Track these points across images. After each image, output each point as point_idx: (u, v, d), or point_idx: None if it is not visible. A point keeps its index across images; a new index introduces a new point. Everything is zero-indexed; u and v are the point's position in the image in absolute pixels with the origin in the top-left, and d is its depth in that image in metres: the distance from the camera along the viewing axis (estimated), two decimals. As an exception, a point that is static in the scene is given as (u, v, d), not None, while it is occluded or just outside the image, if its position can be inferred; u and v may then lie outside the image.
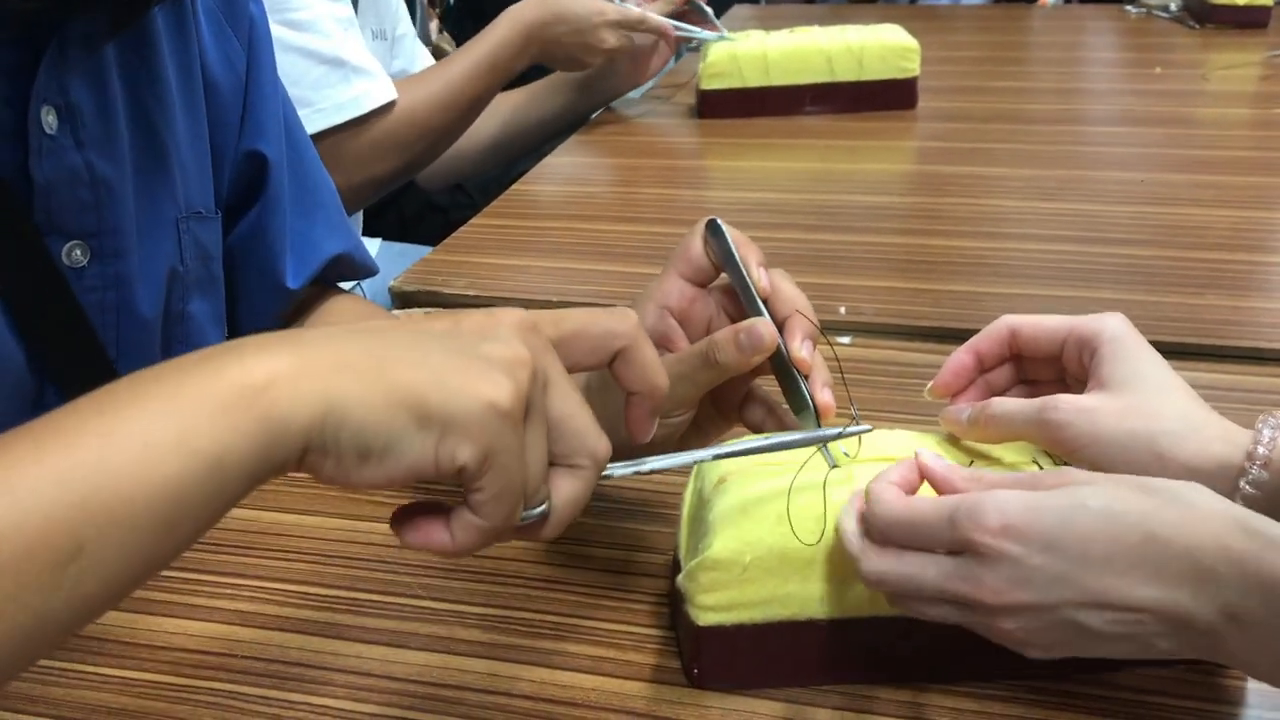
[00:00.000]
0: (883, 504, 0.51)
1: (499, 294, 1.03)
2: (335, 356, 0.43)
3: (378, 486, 0.43)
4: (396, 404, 0.42)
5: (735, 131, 1.47)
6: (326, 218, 0.85)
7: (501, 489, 0.44)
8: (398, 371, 0.42)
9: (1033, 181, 1.25)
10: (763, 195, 1.25)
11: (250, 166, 0.79)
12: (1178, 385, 0.56)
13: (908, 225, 1.15)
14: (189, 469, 0.39)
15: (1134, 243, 1.08)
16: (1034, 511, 0.47)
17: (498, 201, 1.25)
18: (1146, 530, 0.46)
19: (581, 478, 0.48)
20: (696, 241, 0.65)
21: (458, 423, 0.42)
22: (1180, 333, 0.91)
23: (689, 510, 0.62)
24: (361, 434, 0.41)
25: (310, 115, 1.17)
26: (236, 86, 0.78)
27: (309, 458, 0.42)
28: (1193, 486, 0.48)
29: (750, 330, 0.60)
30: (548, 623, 0.64)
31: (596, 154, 1.46)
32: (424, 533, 0.46)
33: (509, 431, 0.43)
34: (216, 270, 0.78)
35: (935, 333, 0.94)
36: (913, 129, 1.47)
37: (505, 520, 0.45)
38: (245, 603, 0.66)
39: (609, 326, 0.52)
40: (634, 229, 1.17)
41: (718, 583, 0.56)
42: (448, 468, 0.42)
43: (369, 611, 0.65)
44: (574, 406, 0.47)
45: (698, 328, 0.65)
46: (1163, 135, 1.40)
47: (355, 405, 0.41)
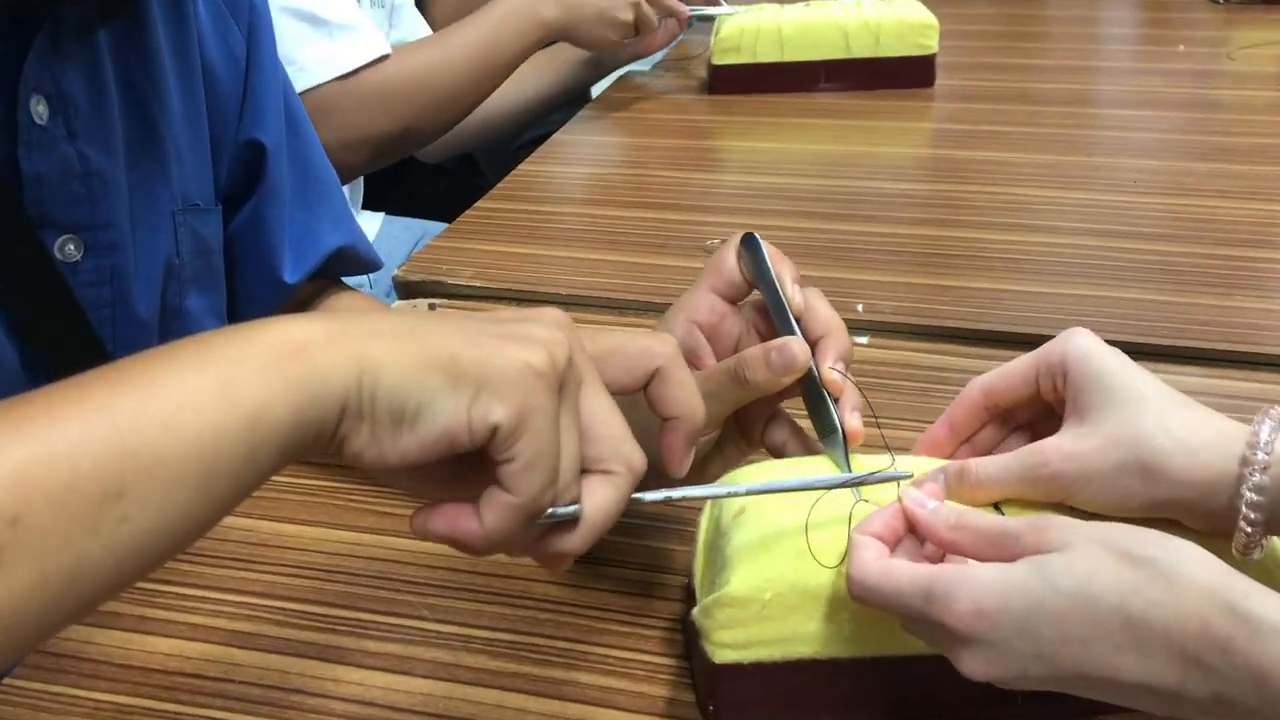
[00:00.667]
0: (860, 567, 0.49)
1: (506, 285, 1.00)
2: (367, 329, 0.42)
3: (411, 459, 0.42)
4: (429, 363, 0.41)
5: (748, 109, 1.43)
6: (329, 209, 0.82)
7: (534, 457, 0.42)
8: (430, 337, 0.42)
9: (1055, 169, 1.21)
10: (776, 180, 1.22)
11: (248, 155, 0.77)
12: (1155, 393, 0.53)
13: (927, 215, 1.12)
14: (227, 421, 0.39)
15: (1160, 237, 1.05)
16: (1006, 596, 0.45)
17: (505, 183, 1.22)
18: (1126, 614, 0.44)
19: (615, 485, 0.46)
20: (730, 255, 0.63)
21: (491, 380, 0.41)
22: (1209, 337, 0.89)
23: (705, 538, 0.60)
24: (395, 393, 0.41)
25: (293, 74, 1.12)
26: (236, 73, 0.75)
27: (344, 426, 0.41)
28: (1182, 549, 0.45)
29: (783, 349, 0.58)
30: (557, 649, 0.62)
31: (606, 132, 1.42)
32: (450, 518, 0.44)
33: (544, 392, 0.42)
34: (216, 264, 0.76)
35: (958, 334, 0.91)
36: (930, 109, 1.44)
37: (537, 498, 0.43)
38: (244, 622, 0.64)
39: (647, 345, 0.51)
40: (644, 215, 1.14)
41: (735, 620, 0.53)
42: (481, 428, 0.41)
43: (372, 634, 0.63)
44: (608, 409, 0.46)
45: (726, 345, 0.63)
46: (1186, 120, 1.37)
47: (389, 365, 0.41)
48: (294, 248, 0.78)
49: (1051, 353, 0.57)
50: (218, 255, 0.75)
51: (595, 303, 0.97)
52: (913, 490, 0.52)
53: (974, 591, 0.46)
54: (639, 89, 1.54)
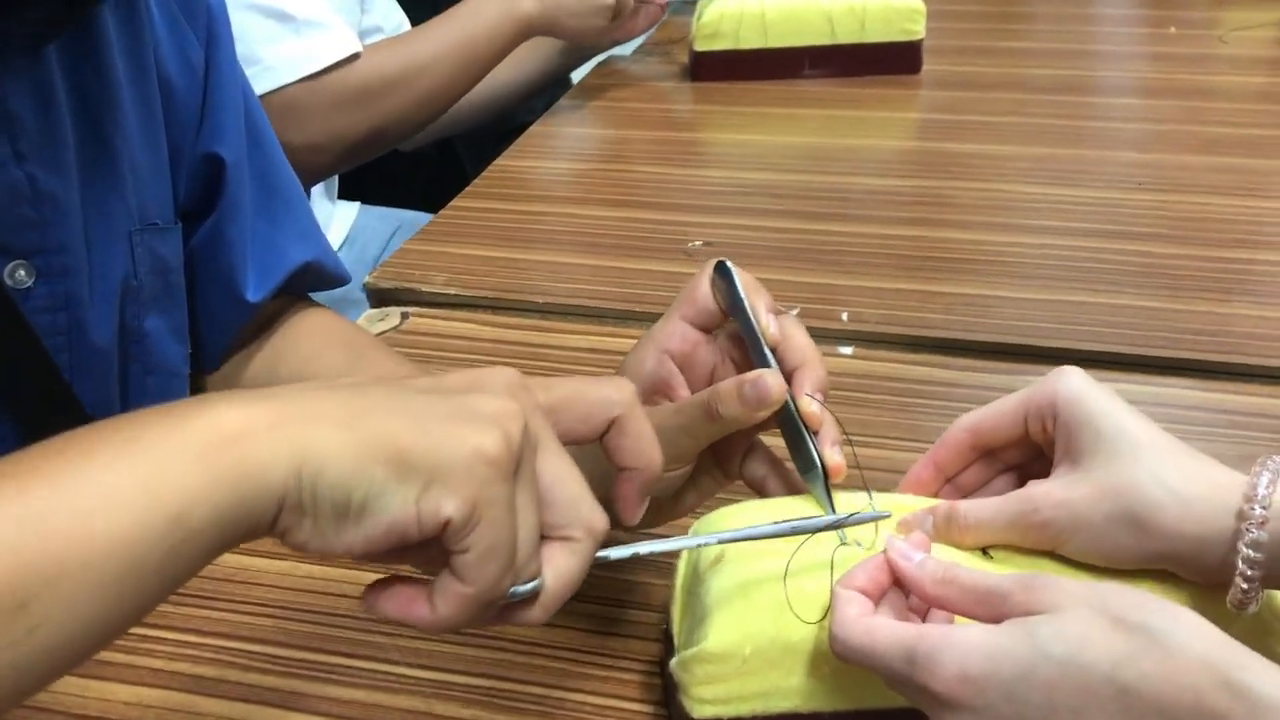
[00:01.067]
0: (842, 626, 0.47)
1: (481, 292, 0.97)
2: (310, 407, 0.40)
3: (357, 553, 0.40)
4: (375, 453, 0.39)
5: (730, 97, 1.40)
6: (294, 223, 0.79)
7: (490, 547, 0.40)
8: (377, 420, 0.40)
9: (1044, 163, 1.19)
10: (760, 176, 1.19)
11: (208, 170, 0.73)
12: (1149, 440, 0.51)
13: (914, 214, 1.09)
14: (149, 522, 0.36)
15: (1154, 238, 1.02)
16: (993, 661, 0.43)
17: (480, 181, 1.18)
18: (1119, 684, 0.42)
19: (576, 552, 0.44)
20: (703, 283, 0.60)
21: (442, 471, 0.39)
22: (1203, 348, 0.86)
23: (683, 581, 0.58)
24: (338, 487, 0.39)
25: (259, 73, 1.09)
26: (194, 84, 0.72)
27: (284, 518, 0.39)
28: (1178, 616, 0.43)
29: (756, 382, 0.55)
30: (532, 695, 0.59)
31: (585, 123, 1.39)
32: (401, 602, 0.42)
33: (498, 482, 0.40)
34: (176, 283, 0.73)
35: (945, 344, 0.88)
36: (916, 98, 1.41)
37: (493, 586, 0.41)
38: (206, 666, 0.62)
39: (604, 394, 0.49)
40: (624, 215, 1.11)
41: (715, 675, 0.51)
42: (431, 522, 0.39)
43: (339, 679, 0.60)
44: (566, 472, 0.44)
45: (700, 375, 0.61)
46: (1179, 109, 1.34)
47: (332, 456, 0.39)
48: (257, 264, 0.75)
49: (1041, 393, 0.55)
50: (178, 274, 0.72)
51: (573, 311, 0.94)
52: (898, 541, 0.50)
53: (960, 656, 0.44)
54: (619, 75, 1.51)
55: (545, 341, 0.91)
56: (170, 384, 0.72)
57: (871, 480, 0.74)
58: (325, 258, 0.80)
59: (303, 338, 0.78)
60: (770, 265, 1.00)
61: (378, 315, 0.94)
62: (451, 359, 0.89)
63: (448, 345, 0.91)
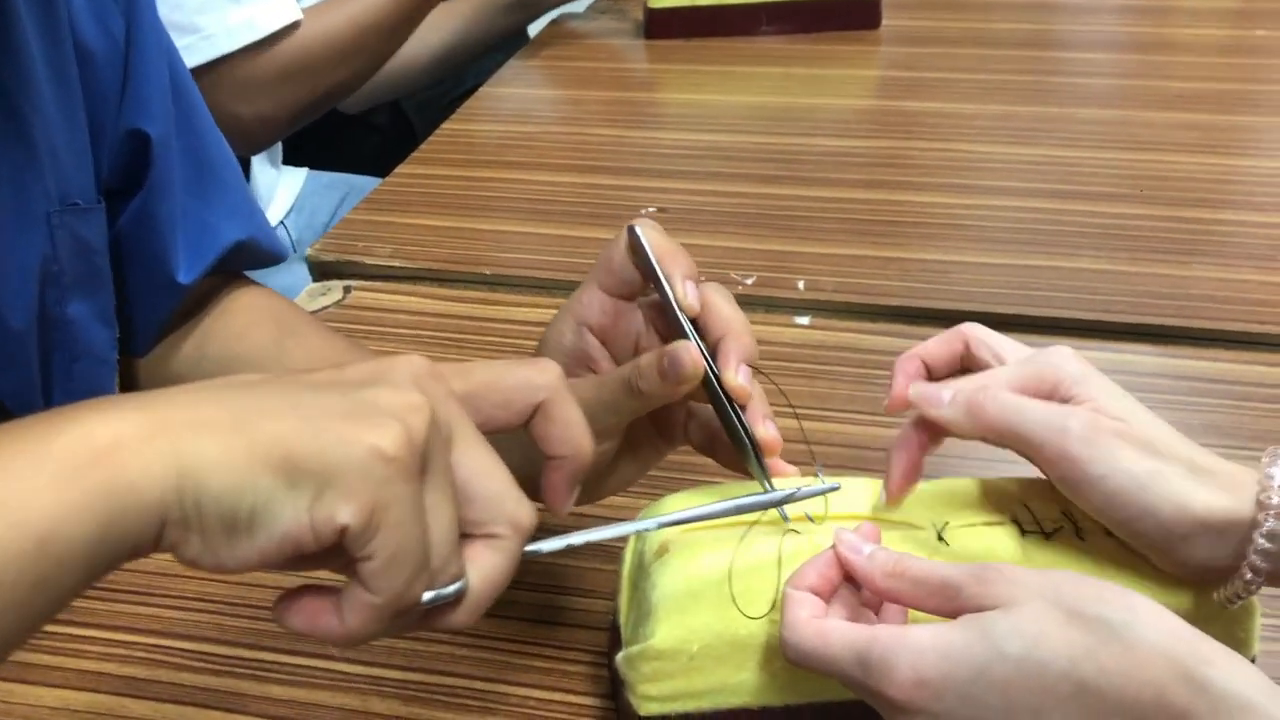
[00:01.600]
0: (792, 629, 0.45)
1: (426, 264, 0.94)
2: (189, 413, 0.37)
3: (253, 566, 0.37)
4: (260, 460, 0.36)
5: (686, 56, 1.36)
6: (227, 199, 0.75)
7: (395, 553, 0.37)
8: (262, 424, 0.37)
9: (1005, 121, 1.16)
10: (715, 138, 1.16)
11: (132, 147, 0.70)
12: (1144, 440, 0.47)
13: (873, 176, 1.07)
14: (12, 545, 0.33)
15: (1114, 198, 1.00)
16: (949, 661, 0.42)
17: (426, 145, 1.15)
18: (1077, 680, 0.40)
19: (502, 549, 0.41)
20: (619, 250, 0.56)
21: (334, 475, 0.36)
22: (1165, 312, 0.85)
23: (628, 572, 0.56)
24: (223, 500, 0.36)
25: (197, 43, 1.06)
26: (114, 55, 0.68)
27: (169, 534, 0.36)
28: (1136, 607, 0.41)
29: (671, 356, 0.52)
30: (474, 690, 0.58)
31: (536, 84, 1.35)
32: (309, 615, 0.40)
33: (399, 482, 0.37)
34: (101, 265, 0.69)
35: (904, 313, 0.86)
36: (876, 54, 1.38)
37: (403, 595, 0.38)
38: (138, 666, 0.59)
39: (526, 377, 0.46)
40: (576, 181, 1.08)
41: (661, 672, 0.50)
42: (326, 530, 0.36)
43: (274, 677, 0.58)
44: (486, 464, 0.41)
45: (623, 346, 0.57)
46: (1141, 64, 1.32)
47: (214, 467, 0.36)
48: (188, 243, 0.72)
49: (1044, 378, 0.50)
50: (102, 256, 0.69)
51: (522, 282, 0.91)
52: (847, 534, 0.48)
53: (914, 659, 0.42)
54: (571, 33, 1.47)
55: (493, 315, 0.88)
56: (98, 371, 0.69)
57: (830, 456, 0.72)
58: (261, 235, 0.77)
59: (231, 316, 0.75)
60: (726, 232, 0.98)
61: (319, 290, 0.91)
62: (396, 334, 0.87)
63: (392, 320, 0.88)
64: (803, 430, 0.56)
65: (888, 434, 0.74)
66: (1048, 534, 0.51)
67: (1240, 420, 0.75)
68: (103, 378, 0.70)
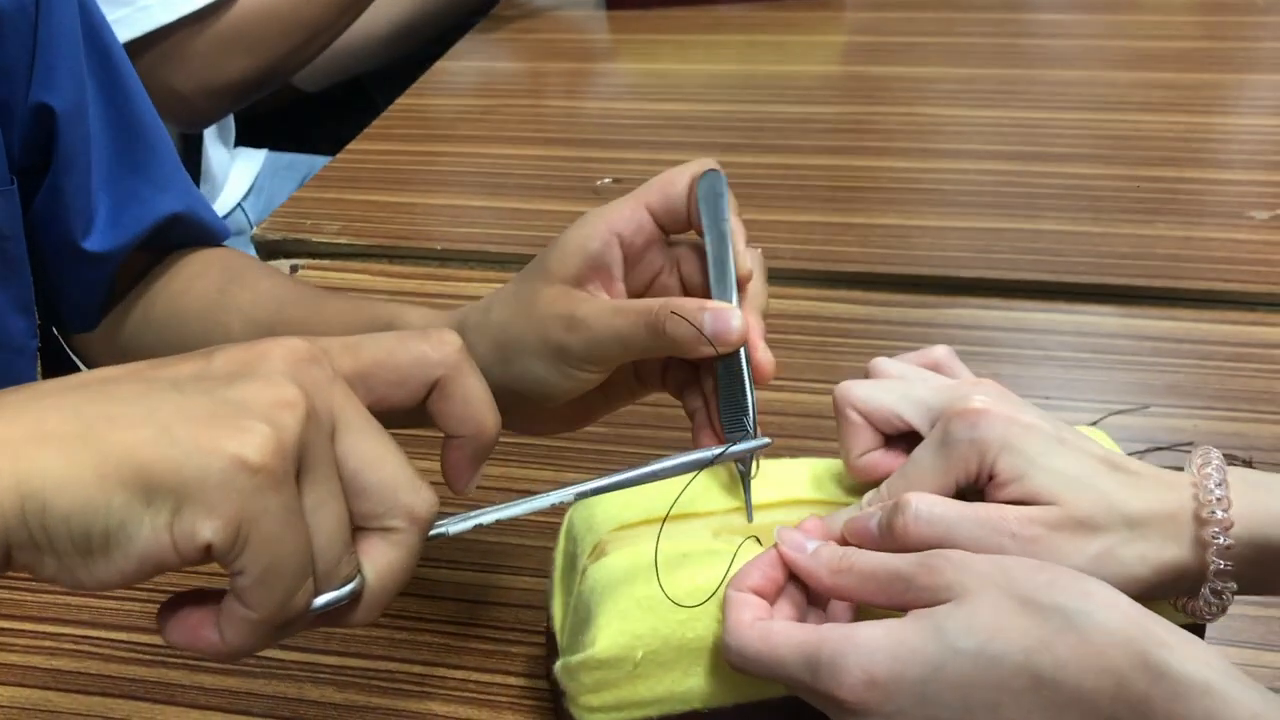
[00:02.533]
0: (735, 633, 0.43)
1: (376, 241, 0.92)
2: (31, 425, 0.34)
3: (115, 586, 0.34)
4: (111, 476, 0.33)
5: (647, 25, 1.34)
6: (158, 172, 0.72)
7: (267, 568, 0.34)
8: (112, 434, 0.33)
9: (969, 83, 1.14)
10: (677, 107, 1.14)
11: (40, 123, 0.66)
12: (1081, 517, 0.44)
13: (831, 143, 1.05)
14: None
15: (1078, 159, 0.99)
16: (900, 661, 0.40)
17: (378, 122, 1.13)
18: (1034, 673, 0.38)
19: (398, 543, 0.38)
20: (683, 180, 0.52)
21: (193, 489, 0.33)
22: (1128, 272, 0.83)
23: (560, 575, 0.52)
24: (71, 521, 0.33)
25: (132, 15, 1.04)
26: (23, 22, 0.64)
27: (18, 556, 0.33)
28: (1091, 593, 0.39)
29: (720, 314, 0.49)
30: (412, 675, 0.56)
31: (493, 57, 1.33)
32: (189, 629, 0.37)
33: (267, 492, 0.34)
34: (15, 250, 0.66)
35: (861, 279, 0.85)
36: (840, 20, 1.36)
37: (281, 608, 0.35)
38: (66, 659, 0.57)
39: (420, 352, 0.42)
40: (535, 154, 1.06)
41: (605, 682, 0.46)
42: (189, 549, 0.33)
43: (206, 666, 0.56)
44: (376, 452, 0.38)
45: (642, 276, 0.54)
46: (1106, 24, 1.30)
47: (59, 486, 0.32)
48: (111, 215, 0.69)
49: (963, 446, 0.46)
50: (16, 241, 0.66)
51: (473, 257, 0.89)
52: (789, 532, 0.45)
53: (864, 660, 0.40)
54: (533, 5, 1.45)
55: (444, 290, 0.86)
56: (14, 362, 0.67)
57: (787, 425, 0.71)
58: (198, 210, 0.74)
59: (174, 275, 0.72)
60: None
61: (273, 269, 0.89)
62: (344, 313, 0.84)
63: (340, 299, 0.86)
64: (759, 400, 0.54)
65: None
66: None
67: (1204, 379, 0.73)
68: (20, 368, 0.67)
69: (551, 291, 0.52)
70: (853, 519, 0.47)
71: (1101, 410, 0.70)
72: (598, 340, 0.50)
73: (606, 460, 0.68)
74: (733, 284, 0.51)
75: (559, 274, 0.52)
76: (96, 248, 0.68)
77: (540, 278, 0.52)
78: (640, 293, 0.54)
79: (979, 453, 0.45)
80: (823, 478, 0.52)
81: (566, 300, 0.51)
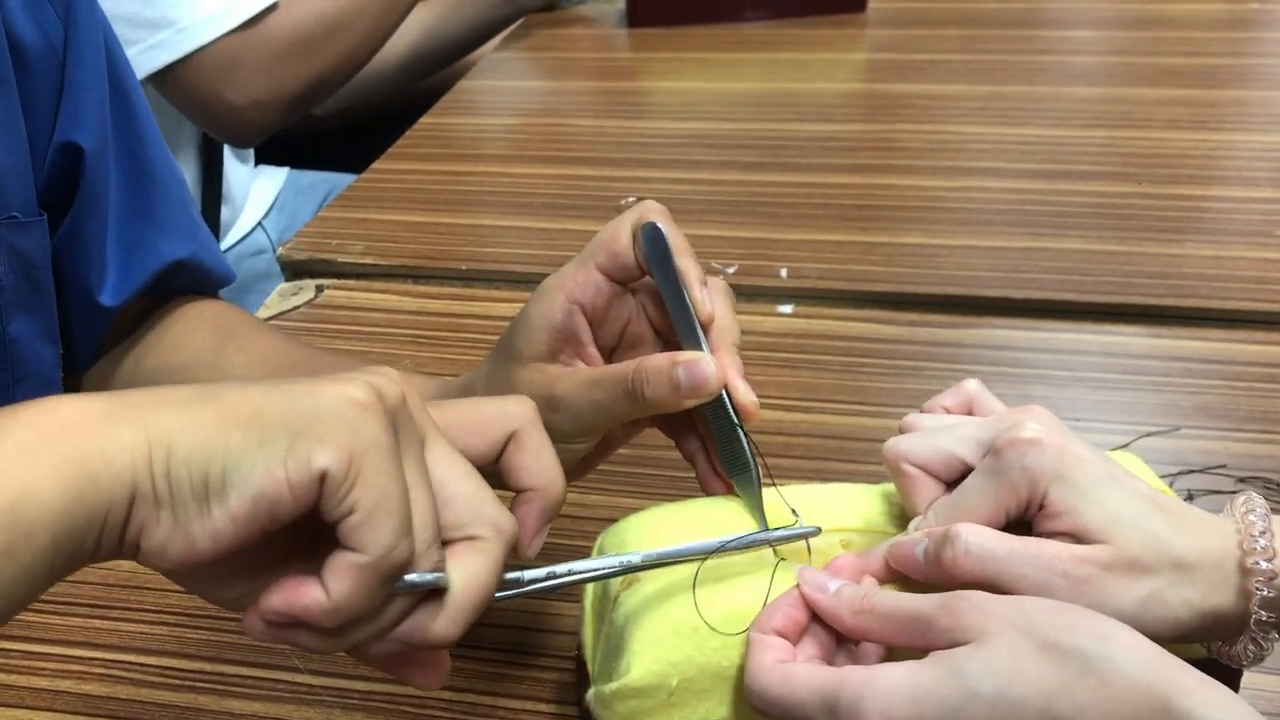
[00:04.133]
0: (756, 676, 0.43)
1: (401, 261, 0.92)
2: (157, 395, 0.37)
3: (225, 541, 0.35)
4: (229, 420, 0.35)
5: (670, 44, 1.34)
6: (167, 216, 0.72)
7: (378, 502, 0.35)
8: (228, 394, 0.37)
9: (992, 101, 1.14)
10: (698, 126, 1.14)
11: (66, 160, 0.66)
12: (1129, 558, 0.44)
13: (856, 161, 1.04)
14: None
15: (1104, 176, 0.98)
16: (918, 705, 0.39)
17: (402, 141, 1.13)
18: (1052, 718, 0.38)
19: (485, 551, 0.39)
20: (625, 236, 0.53)
21: (306, 424, 0.35)
22: (1156, 292, 0.83)
23: (592, 602, 0.52)
24: (193, 462, 0.35)
25: (172, 37, 1.04)
26: (51, 61, 0.65)
27: (137, 513, 0.35)
28: (1112, 637, 0.39)
29: (692, 368, 0.49)
30: (443, 701, 0.55)
31: (516, 75, 1.33)
32: (290, 593, 0.37)
33: (376, 425, 0.36)
34: (43, 280, 0.66)
35: (888, 299, 0.84)
36: (862, 38, 1.35)
37: (389, 550, 0.36)
38: (95, 683, 0.57)
39: (501, 406, 0.44)
40: (556, 173, 1.06)
41: (639, 710, 0.46)
42: (304, 481, 0.35)
43: (236, 690, 0.56)
44: (461, 469, 0.39)
45: (611, 332, 0.54)
46: (1131, 40, 1.30)
47: (182, 432, 0.35)
48: (120, 263, 0.69)
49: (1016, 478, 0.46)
50: (44, 272, 0.66)
51: (498, 277, 0.89)
52: (811, 572, 0.45)
53: (882, 702, 0.40)
54: (553, 22, 1.45)
55: (469, 311, 0.86)
56: (43, 392, 0.66)
57: (814, 448, 0.70)
58: (203, 255, 0.73)
59: (168, 327, 0.72)
60: (707, 220, 0.95)
61: (290, 289, 0.89)
62: (369, 333, 0.84)
63: (365, 319, 0.86)
64: (779, 423, 0.54)
65: (873, 424, 0.73)
66: (1029, 528, 0.48)
67: (1235, 400, 0.73)
68: None
69: (526, 373, 0.52)
70: (898, 544, 0.46)
71: (1132, 432, 0.69)
72: (580, 415, 0.51)
73: (630, 481, 0.68)
74: (698, 329, 0.51)
75: (530, 354, 0.53)
76: (110, 301, 0.68)
77: (513, 360, 0.53)
78: (613, 346, 0.54)
79: (1030, 481, 0.45)
80: (859, 503, 0.52)
81: (543, 379, 0.52)
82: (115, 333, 0.71)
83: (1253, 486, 0.66)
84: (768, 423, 0.53)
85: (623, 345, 0.55)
